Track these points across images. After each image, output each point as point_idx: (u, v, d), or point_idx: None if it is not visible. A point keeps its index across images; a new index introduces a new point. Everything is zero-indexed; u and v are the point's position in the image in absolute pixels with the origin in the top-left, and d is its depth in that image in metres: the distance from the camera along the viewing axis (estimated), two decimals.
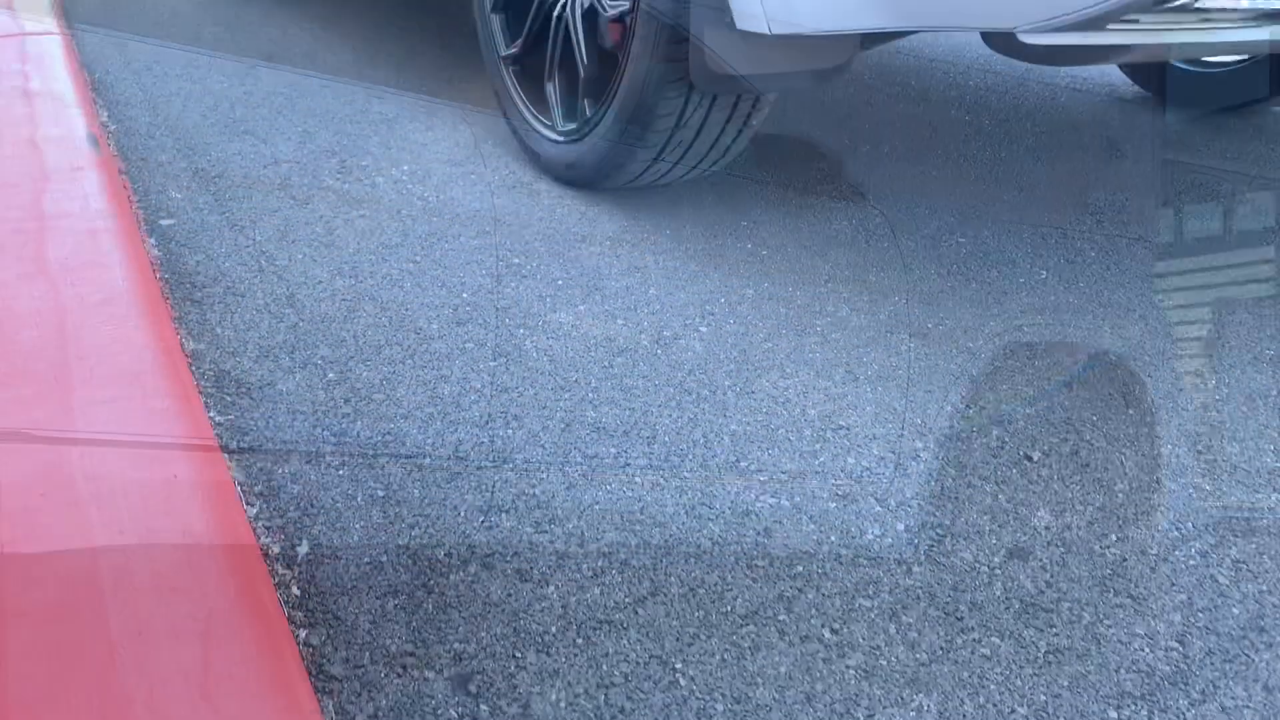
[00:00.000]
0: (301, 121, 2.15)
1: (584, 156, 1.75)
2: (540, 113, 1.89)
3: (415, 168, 1.91)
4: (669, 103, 1.58)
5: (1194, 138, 2.29)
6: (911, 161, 2.05)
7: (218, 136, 2.02)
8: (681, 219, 1.73)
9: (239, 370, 1.18)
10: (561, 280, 1.47)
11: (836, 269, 1.55)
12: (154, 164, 1.84)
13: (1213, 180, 2.01)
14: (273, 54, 2.75)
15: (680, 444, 1.10)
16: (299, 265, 1.47)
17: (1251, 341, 1.38)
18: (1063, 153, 2.14)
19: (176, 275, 1.41)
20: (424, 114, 2.25)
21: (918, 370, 1.27)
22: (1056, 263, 1.60)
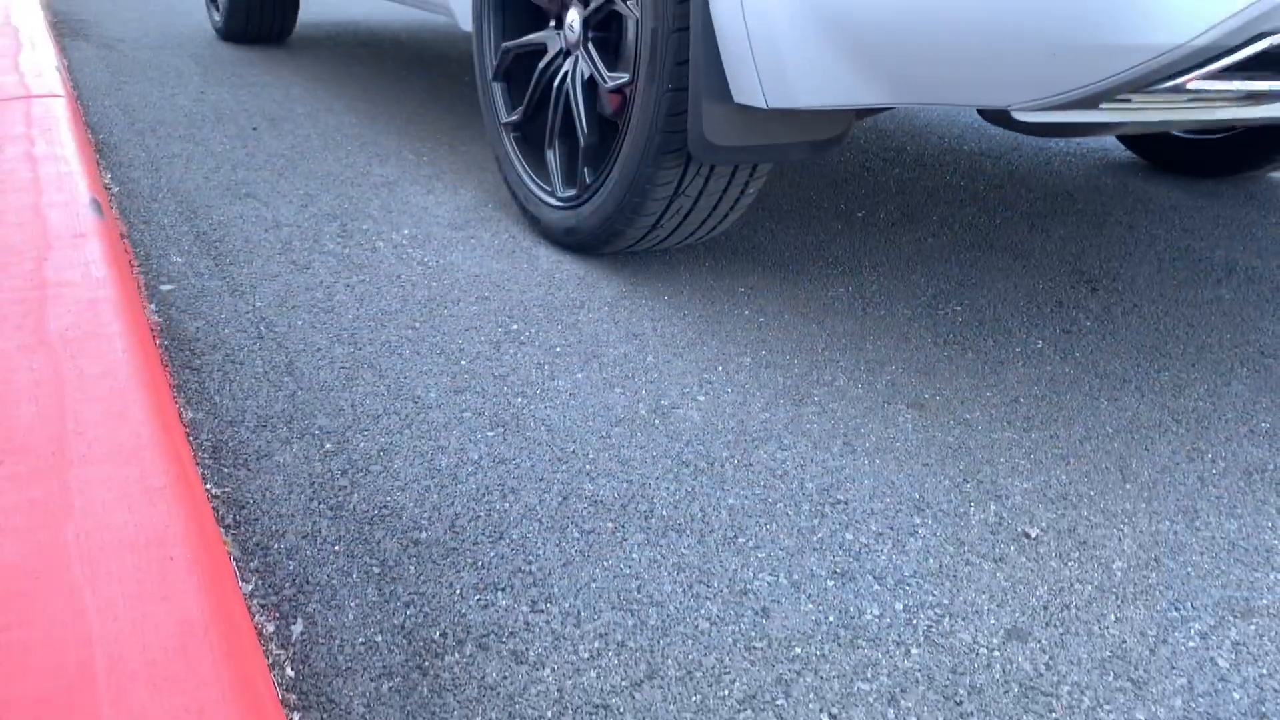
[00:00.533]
0: (303, 184, 2.17)
1: (583, 222, 1.76)
2: (540, 178, 1.91)
3: (416, 231, 1.92)
4: (667, 172, 1.60)
5: (1187, 204, 2.31)
6: (907, 227, 2.07)
7: (219, 199, 2.04)
8: (679, 284, 1.74)
9: (236, 440, 1.18)
10: (560, 347, 1.48)
11: (834, 337, 1.56)
12: (156, 227, 1.86)
13: (1206, 248, 2.02)
14: (276, 115, 2.78)
15: (678, 518, 1.09)
16: (298, 331, 1.48)
17: (1247, 414, 1.38)
18: (1056, 219, 2.16)
19: (176, 342, 1.41)
20: (425, 177, 2.28)
21: (915, 442, 1.27)
22: (1052, 332, 1.60)
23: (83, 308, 1.19)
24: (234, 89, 3.11)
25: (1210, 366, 1.51)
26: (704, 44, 1.46)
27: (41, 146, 1.84)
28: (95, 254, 1.36)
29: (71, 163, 1.76)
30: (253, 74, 3.38)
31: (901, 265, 1.87)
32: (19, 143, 1.86)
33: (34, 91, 2.27)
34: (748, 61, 1.42)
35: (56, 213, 1.51)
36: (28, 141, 1.86)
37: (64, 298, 1.22)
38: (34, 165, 1.72)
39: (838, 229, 2.05)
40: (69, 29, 4.10)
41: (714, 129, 1.51)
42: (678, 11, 1.49)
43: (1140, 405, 1.39)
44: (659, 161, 1.58)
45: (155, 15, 4.70)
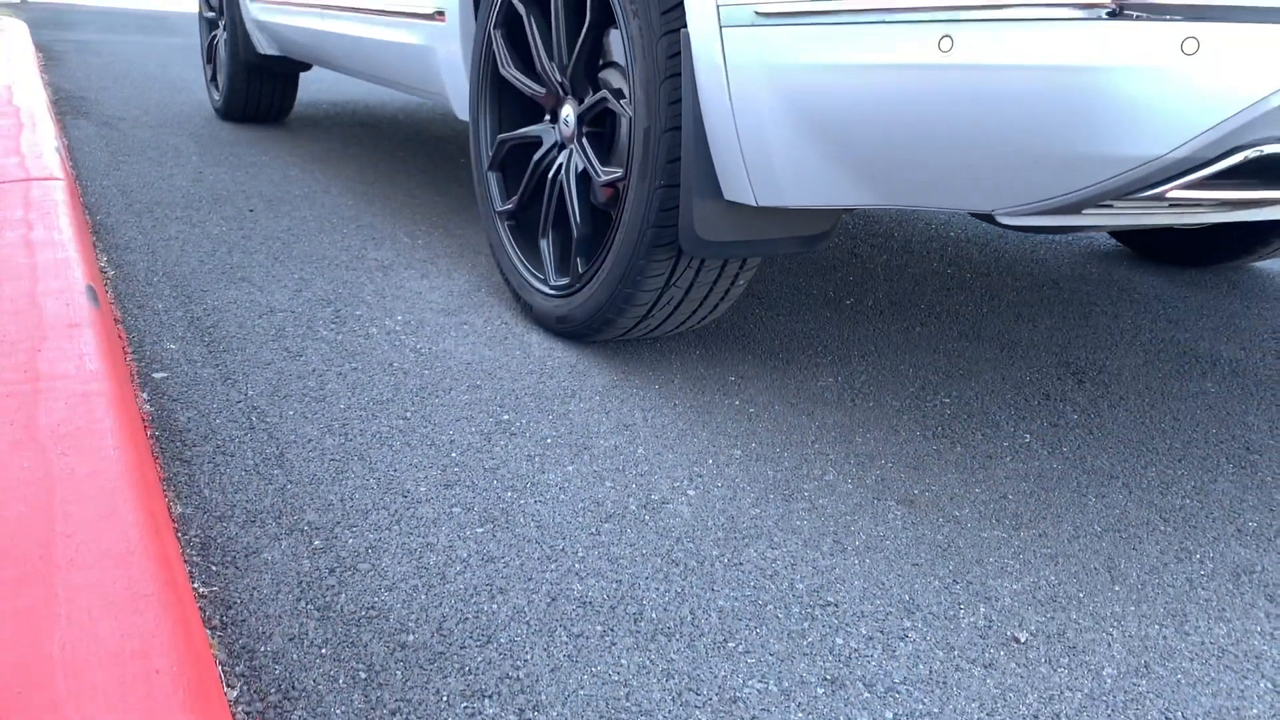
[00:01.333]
0: (298, 268, 2.19)
1: (575, 311, 1.78)
2: (534, 267, 1.93)
3: (409, 317, 1.93)
4: (659, 264, 1.62)
5: (1171, 293, 2.34)
6: (895, 315, 2.09)
7: (214, 283, 2.05)
8: (670, 373, 1.75)
9: (225, 537, 1.18)
10: (550, 439, 1.48)
11: (823, 429, 1.56)
12: (150, 312, 1.87)
13: (1191, 339, 2.05)
14: (273, 197, 2.82)
15: (667, 621, 1.09)
16: (290, 422, 1.48)
17: (1234, 512, 1.39)
18: (1043, 308, 2.19)
19: (167, 433, 1.42)
20: (420, 261, 2.30)
21: (905, 541, 1.27)
22: (1040, 425, 1.62)
23: (75, 402, 1.20)
24: (232, 169, 3.15)
25: (1196, 462, 1.52)
26: (695, 144, 1.49)
27: (39, 231, 1.85)
28: (89, 345, 1.36)
29: (69, 248, 1.78)
30: (251, 154, 3.43)
31: (890, 354, 1.88)
32: (17, 227, 1.88)
33: (33, 174, 2.30)
34: (738, 161, 1.45)
35: (52, 301, 1.52)
36: (26, 226, 1.88)
37: (57, 391, 1.23)
38: (31, 251, 1.74)
39: (826, 316, 2.07)
40: (70, 106, 4.16)
41: (705, 225, 1.53)
42: (670, 112, 1.52)
43: (1128, 503, 1.39)
44: (651, 254, 1.61)
45: (155, 92, 4.77)
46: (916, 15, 1.17)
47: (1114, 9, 1.05)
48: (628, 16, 1.57)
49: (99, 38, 7.52)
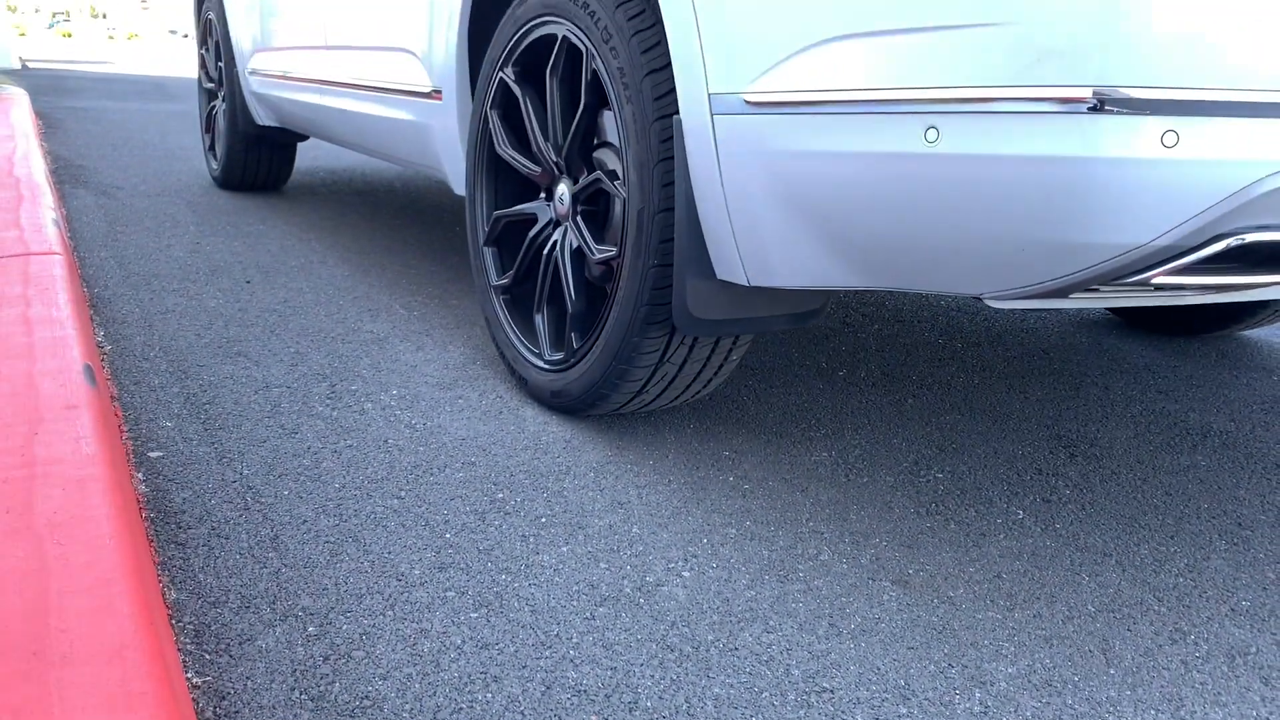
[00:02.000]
0: (294, 341, 2.20)
1: (570, 386, 1.79)
2: (529, 341, 1.95)
3: (404, 392, 1.94)
4: (653, 341, 1.64)
5: (1161, 363, 2.36)
6: (888, 387, 2.11)
7: (211, 358, 2.06)
8: (664, 448, 1.76)
9: (219, 624, 1.18)
10: (545, 518, 1.49)
11: (818, 506, 1.57)
12: (147, 389, 1.87)
13: (1181, 410, 2.06)
14: (270, 268, 2.84)
15: (663, 709, 1.08)
16: (285, 502, 1.48)
17: (1227, 591, 1.39)
18: (1034, 378, 2.21)
19: (163, 515, 1.42)
20: (415, 333, 2.32)
21: (900, 623, 1.27)
22: (1033, 501, 1.62)
23: (71, 488, 1.20)
24: (229, 239, 3.18)
25: (1189, 539, 1.53)
26: (688, 225, 1.51)
27: (38, 308, 1.87)
28: (86, 427, 1.37)
29: (66, 326, 1.79)
30: (248, 223, 3.46)
31: (883, 428, 1.89)
32: (16, 304, 1.89)
33: (33, 248, 2.32)
34: (729, 243, 1.48)
35: (50, 381, 1.53)
36: (25, 303, 1.89)
37: (53, 476, 1.23)
38: (30, 329, 1.75)
39: (819, 388, 2.09)
40: (69, 175, 4.20)
41: (697, 303, 1.55)
42: (663, 194, 1.55)
43: (1121, 581, 1.40)
44: (644, 331, 1.62)
45: (153, 161, 4.83)
46: (903, 108, 1.20)
47: (1095, 104, 1.07)
48: (622, 102, 1.61)
49: (98, 104, 7.62)
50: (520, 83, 1.92)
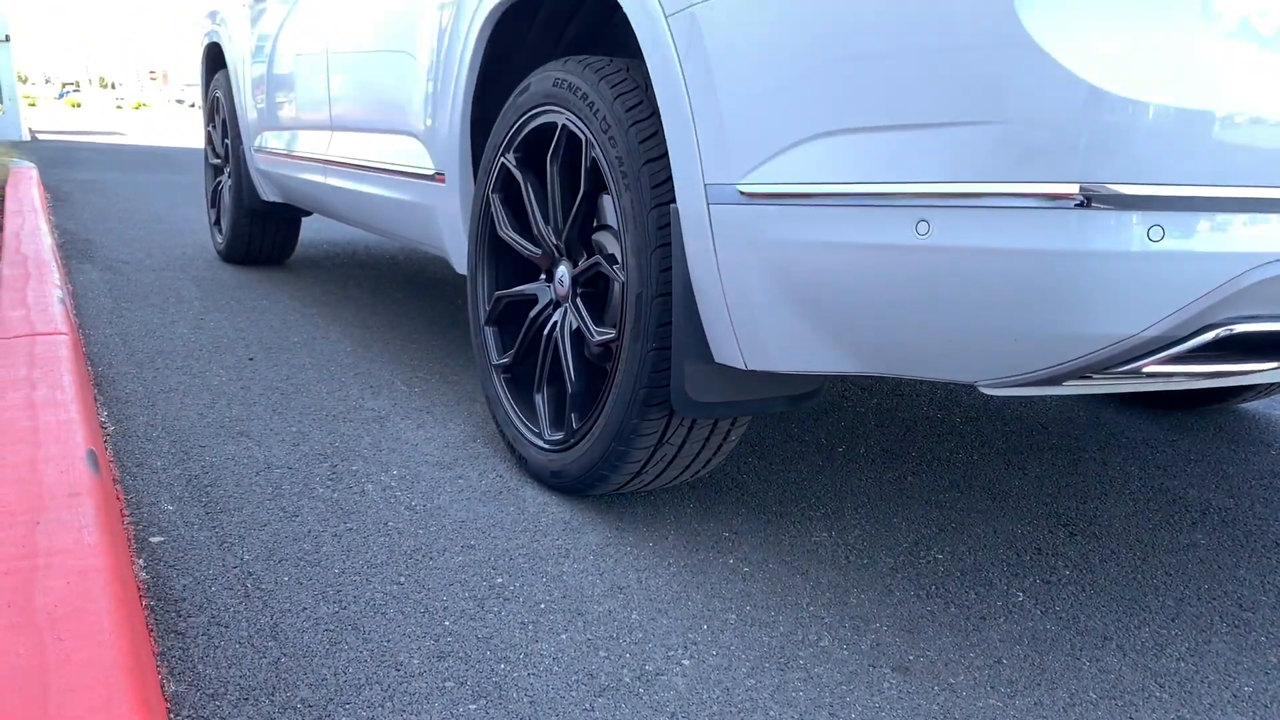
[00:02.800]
0: (296, 420, 2.21)
1: (569, 466, 1.80)
2: (529, 420, 1.96)
3: (404, 471, 1.95)
4: (651, 423, 1.65)
5: (1159, 437, 2.37)
6: (887, 464, 2.11)
7: (213, 438, 2.07)
8: (664, 529, 1.76)
9: (218, 717, 1.17)
10: (544, 604, 1.49)
11: (818, 589, 1.57)
12: (149, 470, 1.88)
13: (1180, 486, 2.07)
14: (272, 344, 2.86)
15: None
16: (285, 589, 1.48)
17: (1229, 676, 1.39)
18: (1032, 454, 2.21)
19: (163, 602, 1.42)
20: (416, 410, 2.33)
21: (900, 712, 1.26)
22: (1033, 583, 1.62)
23: (72, 580, 1.20)
24: (232, 315, 3.21)
25: (1190, 621, 1.53)
26: (685, 310, 1.54)
27: (43, 391, 1.88)
28: (88, 516, 1.38)
29: (70, 409, 1.80)
30: (252, 298, 3.50)
31: (883, 506, 1.90)
32: (21, 387, 1.91)
33: (38, 329, 2.34)
34: (726, 328, 1.50)
35: (53, 468, 1.54)
36: (30, 385, 1.91)
37: (54, 568, 1.24)
38: (34, 413, 1.77)
39: (819, 465, 2.09)
40: (75, 250, 4.25)
41: (696, 387, 1.57)
42: (661, 278, 1.58)
43: (1123, 667, 1.39)
44: (643, 414, 1.64)
45: (159, 234, 4.89)
46: (894, 201, 1.23)
47: (1081, 200, 1.10)
48: (620, 189, 1.64)
49: (105, 177, 7.72)
50: (521, 168, 1.96)
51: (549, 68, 1.86)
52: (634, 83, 1.67)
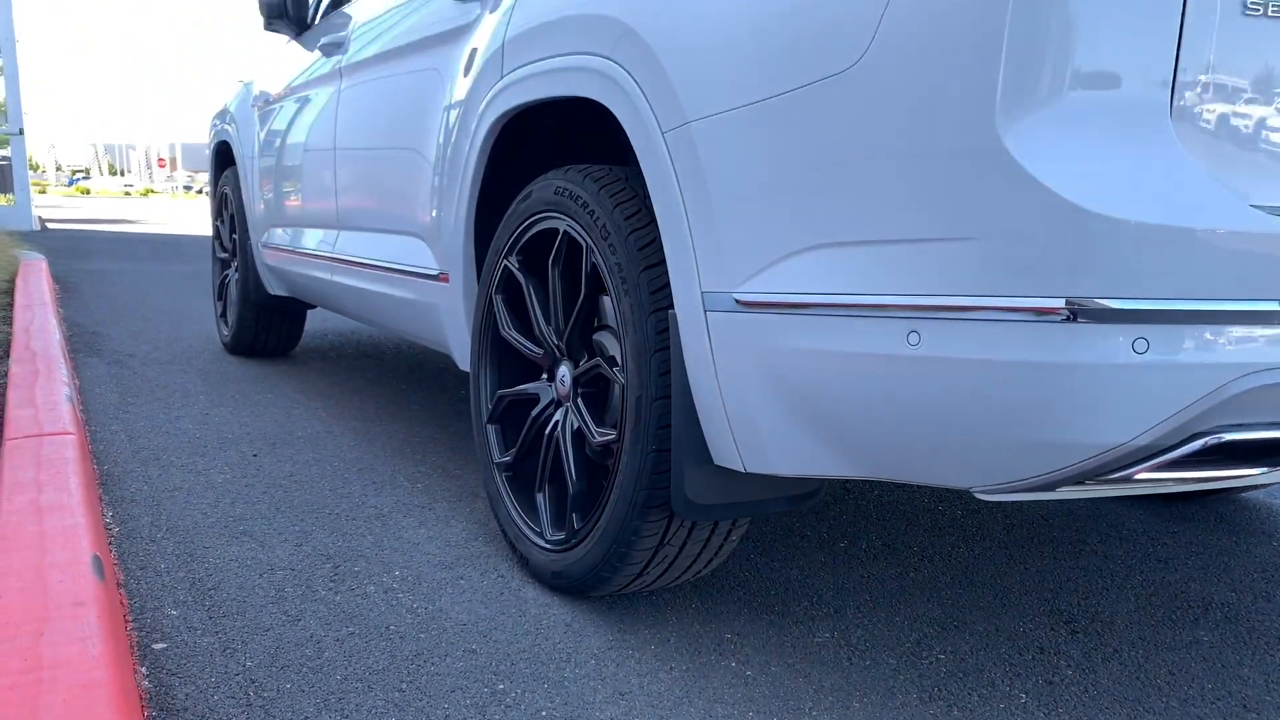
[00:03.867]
0: (299, 519, 2.22)
1: (571, 567, 1.81)
2: (530, 519, 1.97)
3: (407, 572, 1.96)
4: (652, 525, 1.66)
5: (1160, 530, 2.38)
6: (889, 559, 2.12)
7: (217, 539, 2.08)
8: (667, 631, 1.76)
9: None
10: (545, 712, 1.48)
11: (820, 693, 1.56)
12: (153, 573, 1.89)
13: (1181, 580, 2.07)
14: (276, 439, 2.88)
15: None
16: (287, 697, 1.48)
17: None
18: (1033, 548, 2.22)
19: (165, 712, 1.42)
20: (418, 507, 2.34)
21: None
22: (1035, 683, 1.62)
23: (76, 694, 1.21)
24: (237, 408, 3.24)
25: None
26: (684, 413, 1.56)
27: (49, 494, 1.90)
28: (92, 626, 1.39)
29: (76, 513, 1.82)
30: (257, 391, 3.53)
31: (885, 604, 1.90)
32: (28, 490, 1.93)
33: (46, 429, 2.37)
34: (725, 432, 1.52)
35: (58, 575, 1.55)
36: (36, 489, 1.93)
37: (59, 681, 1.24)
38: (40, 518, 1.78)
39: (821, 561, 2.10)
40: (83, 342, 4.30)
41: (695, 489, 1.59)
42: (660, 382, 1.61)
43: None
44: (645, 515, 1.65)
45: (166, 325, 4.94)
46: (886, 313, 1.27)
47: (1067, 315, 1.13)
48: (620, 294, 1.68)
49: (114, 267, 7.83)
50: (524, 270, 2.01)
51: (550, 176, 1.91)
52: (632, 191, 1.72)
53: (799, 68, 1.36)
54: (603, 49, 1.70)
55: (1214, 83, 1.19)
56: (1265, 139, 1.22)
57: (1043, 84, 1.16)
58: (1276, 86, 1.21)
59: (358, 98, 2.91)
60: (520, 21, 1.99)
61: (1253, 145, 1.22)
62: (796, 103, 1.36)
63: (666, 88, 1.55)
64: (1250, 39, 1.19)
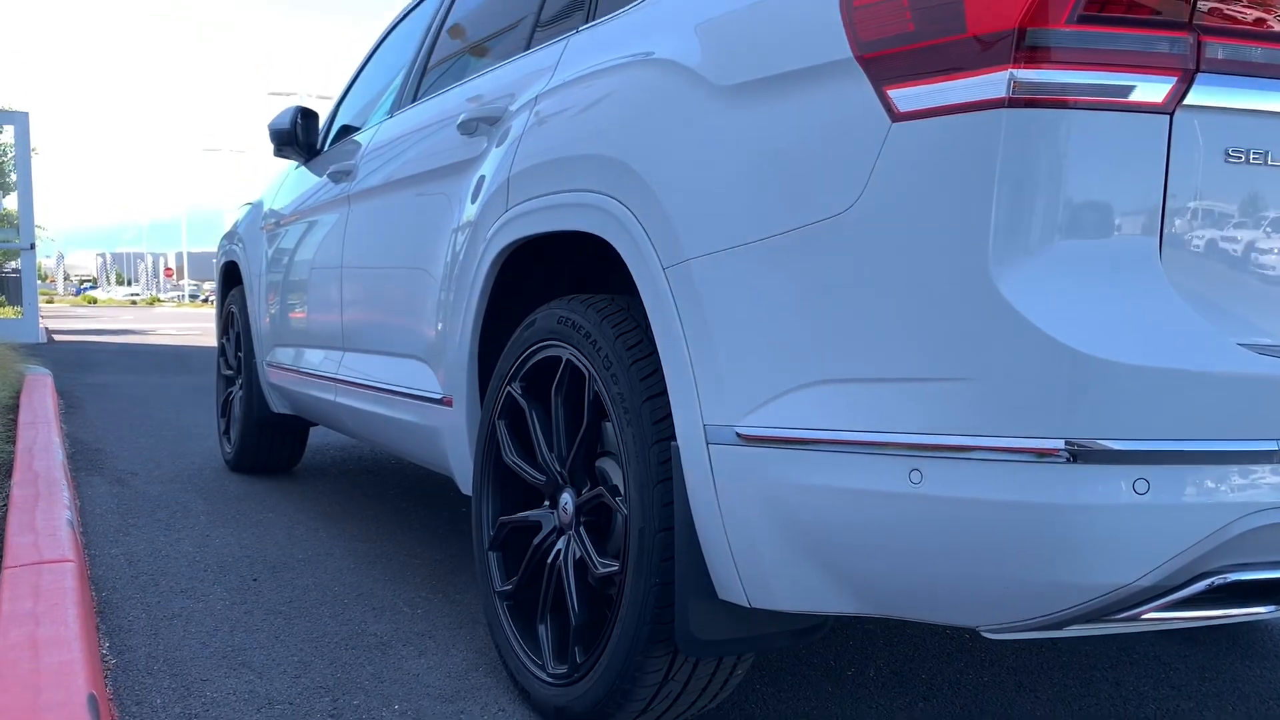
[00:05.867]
0: (298, 648, 2.19)
1: (574, 703, 1.78)
2: (532, 650, 1.94)
3: (406, 706, 1.92)
4: (657, 660, 1.64)
5: (1171, 652, 2.34)
6: (898, 688, 2.08)
7: (215, 670, 2.05)
8: None
9: None
10: None
11: None
12: (149, 709, 1.86)
13: (1195, 709, 2.03)
14: (277, 562, 2.86)
15: None
16: None
17: None
18: (1043, 675, 2.18)
19: None
20: (419, 635, 2.31)
21: None
22: None
23: None
24: (239, 529, 3.23)
25: None
26: (688, 547, 1.56)
27: (46, 628, 1.88)
28: None
29: (73, 647, 1.80)
30: (258, 511, 3.52)
31: None
32: (25, 623, 1.91)
33: (45, 556, 2.35)
34: (729, 566, 1.51)
35: (53, 716, 1.53)
36: (34, 622, 1.91)
37: None
38: (36, 653, 1.76)
39: (829, 691, 2.06)
40: (85, 461, 4.30)
41: (700, 625, 1.57)
42: (663, 513, 1.60)
43: None
44: (648, 650, 1.63)
45: (169, 441, 4.95)
46: (887, 451, 1.27)
47: (1067, 456, 1.14)
48: (622, 424, 1.69)
49: (118, 380, 7.87)
50: (526, 397, 2.02)
51: (554, 305, 1.95)
52: (634, 322, 1.74)
53: (796, 209, 1.40)
54: (604, 187, 1.74)
55: (1201, 226, 1.22)
56: (1252, 278, 1.25)
57: (1034, 230, 1.19)
58: (1260, 227, 1.24)
59: (366, 222, 2.97)
60: (525, 157, 2.04)
61: (1241, 284, 1.25)
62: (795, 243, 1.40)
63: (666, 225, 1.59)
64: (1234, 183, 1.23)
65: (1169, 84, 1.19)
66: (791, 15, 1.47)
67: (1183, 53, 1.19)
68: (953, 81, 1.23)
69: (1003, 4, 1.20)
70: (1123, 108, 1.19)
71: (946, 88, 1.23)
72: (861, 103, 1.31)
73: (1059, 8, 1.18)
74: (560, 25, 2.28)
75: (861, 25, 1.33)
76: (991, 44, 1.20)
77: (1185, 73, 1.19)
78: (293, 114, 3.61)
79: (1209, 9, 1.20)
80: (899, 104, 1.27)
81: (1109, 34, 1.19)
